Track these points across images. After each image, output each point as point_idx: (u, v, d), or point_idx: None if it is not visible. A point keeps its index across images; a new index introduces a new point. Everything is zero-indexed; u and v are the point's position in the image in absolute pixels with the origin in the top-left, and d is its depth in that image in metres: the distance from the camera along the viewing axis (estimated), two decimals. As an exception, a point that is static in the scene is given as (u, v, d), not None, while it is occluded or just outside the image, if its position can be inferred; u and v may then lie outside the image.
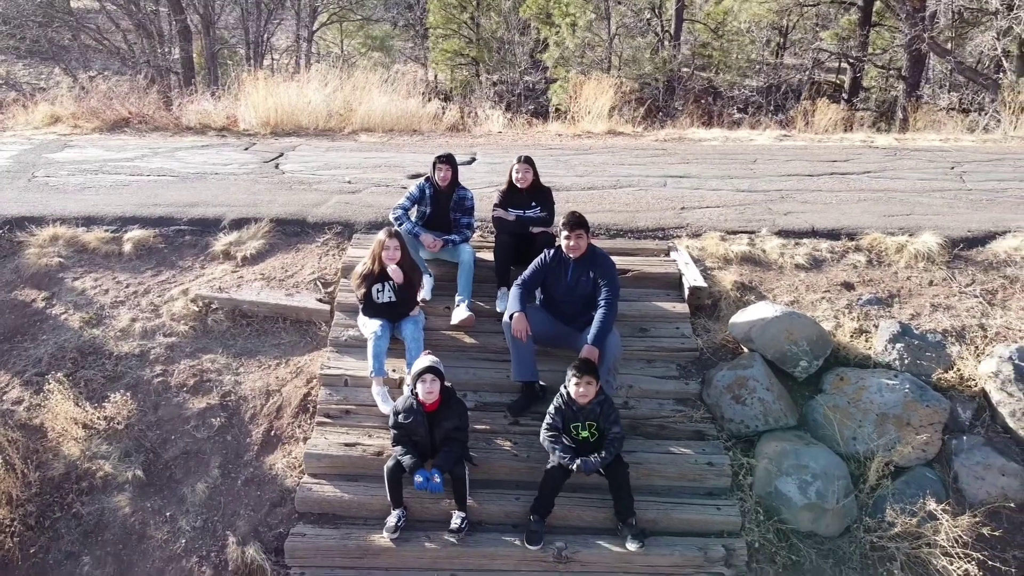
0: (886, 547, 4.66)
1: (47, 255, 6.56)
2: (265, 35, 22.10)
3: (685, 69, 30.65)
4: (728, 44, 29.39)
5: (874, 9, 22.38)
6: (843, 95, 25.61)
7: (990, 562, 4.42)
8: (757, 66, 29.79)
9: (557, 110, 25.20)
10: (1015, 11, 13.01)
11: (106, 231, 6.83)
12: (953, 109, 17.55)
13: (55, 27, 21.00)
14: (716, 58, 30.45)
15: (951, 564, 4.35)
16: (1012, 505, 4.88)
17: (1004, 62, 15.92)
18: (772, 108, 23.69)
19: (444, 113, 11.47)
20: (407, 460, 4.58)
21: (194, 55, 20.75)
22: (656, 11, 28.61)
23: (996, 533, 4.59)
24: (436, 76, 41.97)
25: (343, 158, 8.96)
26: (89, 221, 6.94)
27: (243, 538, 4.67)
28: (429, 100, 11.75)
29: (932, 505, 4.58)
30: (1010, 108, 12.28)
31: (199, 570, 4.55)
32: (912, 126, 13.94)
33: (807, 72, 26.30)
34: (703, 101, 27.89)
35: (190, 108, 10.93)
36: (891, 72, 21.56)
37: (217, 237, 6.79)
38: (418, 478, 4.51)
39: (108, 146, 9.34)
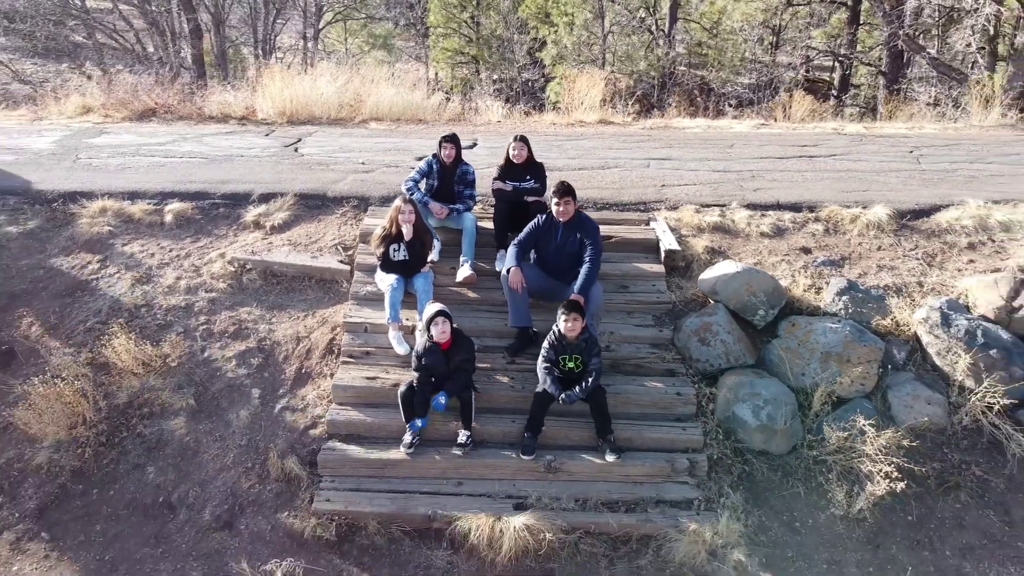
0: (825, 460, 5.53)
1: (97, 224, 7.41)
2: (272, 33, 22.91)
3: (682, 68, 31.49)
4: (723, 42, 30.14)
5: (862, 8, 23.23)
6: (832, 92, 26.50)
7: (908, 465, 5.27)
8: (750, 64, 30.52)
9: (555, 106, 26.11)
10: (979, 10, 13.84)
11: (148, 204, 7.68)
12: (933, 104, 18.42)
13: (70, 25, 21.82)
14: (711, 56, 31.26)
15: (875, 467, 5.21)
16: (934, 428, 5.74)
17: (979, 58, 16.78)
18: (762, 105, 24.55)
19: (447, 104, 12.30)
20: (438, 399, 5.43)
21: (203, 53, 21.57)
22: (651, 10, 29.45)
23: (914, 444, 5.45)
24: (437, 74, 42.80)
25: (356, 143, 9.81)
26: (133, 196, 7.78)
27: (282, 453, 5.52)
28: (433, 93, 12.56)
29: (862, 422, 5.44)
30: (977, 100, 13.14)
31: (246, 477, 5.41)
32: (887, 118, 14.79)
33: (797, 70, 27.10)
34: (698, 98, 28.75)
35: (212, 99, 11.75)
36: (877, 69, 22.39)
37: (247, 209, 7.64)
38: (437, 400, 5.39)
39: (140, 132, 10.19)
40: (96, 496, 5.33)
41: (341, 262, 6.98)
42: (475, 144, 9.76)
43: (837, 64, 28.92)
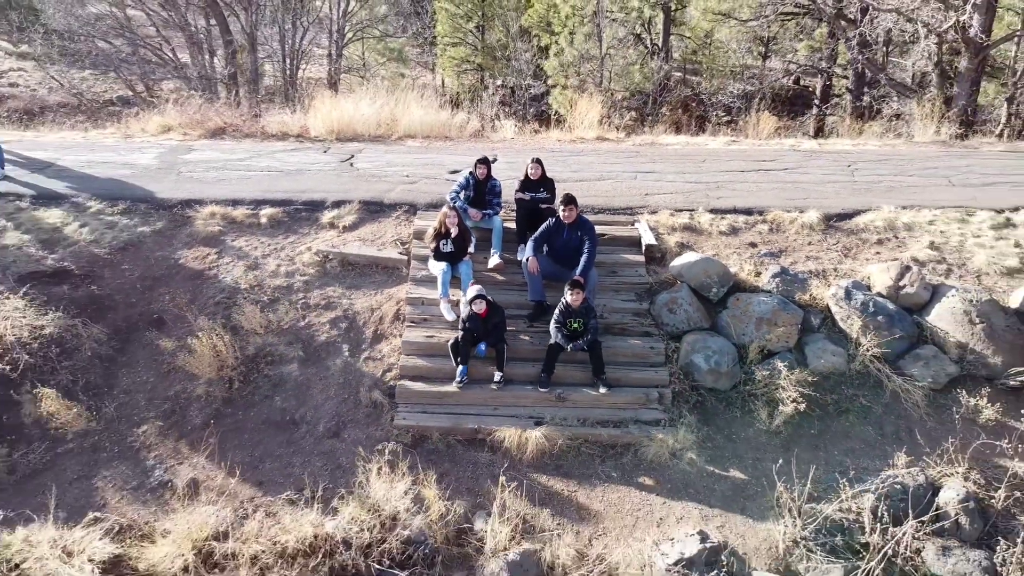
0: (755, 392, 7.77)
1: (210, 225, 9.65)
2: (300, 51, 25.12)
3: (677, 74, 33.64)
4: (714, 52, 32.23)
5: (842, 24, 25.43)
6: (815, 101, 28.68)
7: (814, 395, 7.52)
8: (739, 73, 32.52)
9: (557, 115, 28.37)
10: (926, 40, 16.05)
11: (247, 209, 9.91)
12: (895, 116, 20.63)
13: (118, 45, 24.03)
14: (704, 63, 33.39)
15: (787, 396, 7.44)
16: (836, 371, 7.97)
17: (935, 77, 19.02)
18: (750, 112, 26.77)
19: (468, 123, 14.52)
20: (478, 346, 7.68)
21: (236, 70, 23.79)
22: (646, 26, 31.69)
23: (820, 381, 7.69)
24: (444, 81, 45.08)
25: (399, 159, 12.04)
26: (233, 203, 10.02)
27: (368, 388, 7.76)
28: (455, 113, 14.77)
29: (780, 365, 7.68)
30: (925, 118, 15.39)
31: (344, 404, 7.64)
32: (850, 131, 17.01)
33: (779, 79, 29.27)
34: (690, 106, 30.96)
35: (271, 119, 13.97)
36: (844, 87, 24.59)
37: (323, 213, 9.88)
38: (478, 346, 7.64)
39: (221, 149, 12.41)
40: (241, 416, 7.57)
41: (400, 254, 9.22)
42: (496, 159, 11.96)
43: (819, 75, 31.09)
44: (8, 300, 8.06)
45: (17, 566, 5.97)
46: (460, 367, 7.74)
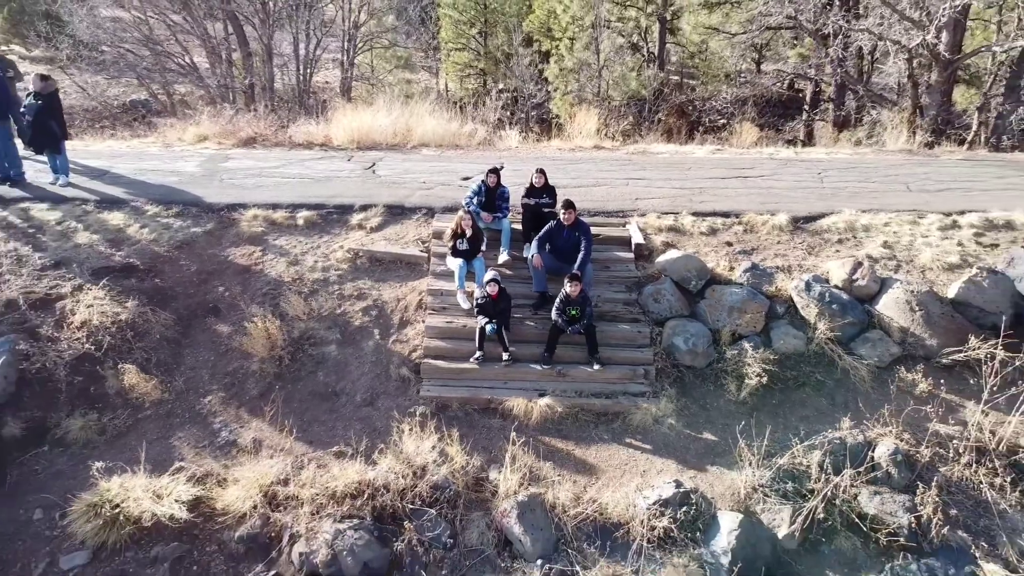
0: (726, 369, 9.13)
1: (253, 226, 11.00)
2: (314, 60, 26.46)
3: (675, 77, 34.92)
4: (709, 58, 33.51)
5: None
6: (805, 106, 30.03)
7: (776, 371, 8.88)
8: (733, 78, 33.77)
9: (557, 121, 29.63)
10: (896, 57, 17.40)
11: (285, 212, 11.27)
12: (873, 124, 21.98)
13: (142, 55, 25.37)
14: (700, 67, 34.66)
15: (752, 371, 8.81)
16: (796, 352, 9.33)
17: (910, 89, 20.37)
18: (742, 118, 28.12)
19: (476, 132, 15.88)
20: (488, 327, 9.02)
21: (255, 80, 25.15)
22: (643, 34, 33.04)
23: (781, 359, 9.05)
24: (447, 85, 46.46)
25: (416, 166, 13.40)
26: (272, 206, 11.37)
27: (397, 365, 9.12)
28: (464, 123, 16.13)
29: (747, 346, 9.04)
30: (897, 127, 16.76)
31: (377, 379, 9.00)
32: (830, 139, 18.39)
33: (770, 86, 30.61)
34: (685, 111, 32.30)
35: (297, 128, 15.33)
36: (827, 96, 25.90)
37: (352, 216, 11.24)
38: (488, 327, 8.99)
39: (255, 158, 13.77)
40: (290, 388, 8.93)
41: (421, 251, 10.58)
42: (503, 166, 13.32)
43: (809, 81, 32.41)
44: (90, 291, 9.43)
45: (117, 506, 7.33)
46: (478, 348, 9.10)
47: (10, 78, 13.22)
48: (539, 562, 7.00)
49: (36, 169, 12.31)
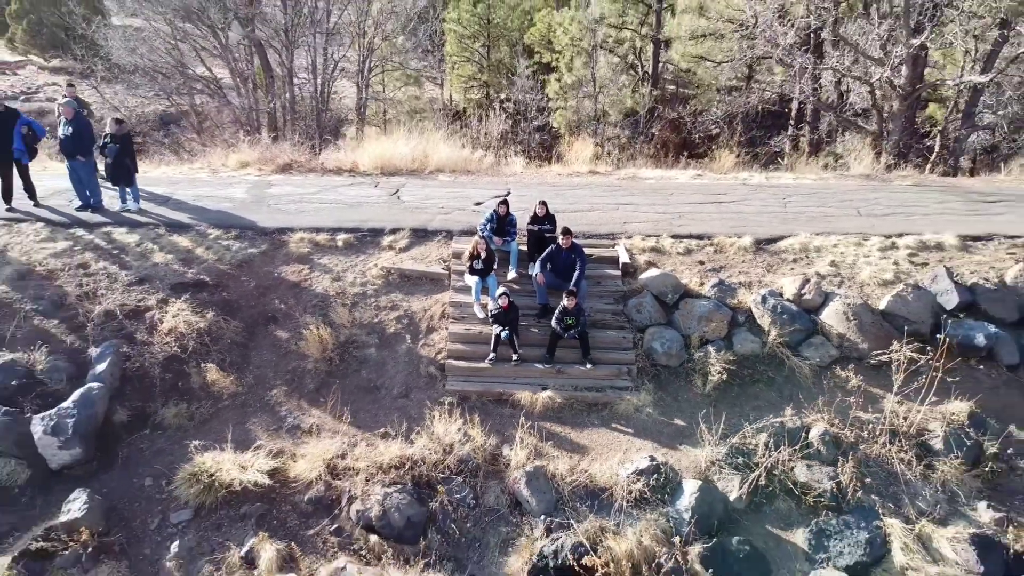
0: (694, 368, 11.19)
1: (300, 247, 13.05)
2: (331, 80, 28.51)
3: (671, 86, 36.87)
4: (701, 76, 35.46)
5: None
6: (790, 122, 32.05)
7: (733, 368, 10.92)
8: (723, 96, 35.70)
9: (557, 139, 31.48)
10: (858, 89, 19.44)
11: (326, 235, 13.31)
12: (844, 148, 24.04)
13: (175, 80, 27.41)
14: (692, 82, 36.65)
15: (715, 369, 10.86)
16: (753, 354, 11.36)
17: (876, 115, 22.41)
18: (731, 132, 30.13)
19: (484, 158, 17.93)
20: (502, 334, 11.07)
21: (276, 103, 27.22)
22: (637, 54, 35.09)
23: (735, 358, 11.09)
24: (451, 96, 48.61)
25: (435, 192, 15.45)
26: (315, 230, 13.42)
27: (426, 365, 11.17)
28: (474, 151, 18.18)
29: (711, 349, 11.09)
30: (856, 152, 18.80)
31: (410, 376, 11.04)
32: (806, 163, 20.39)
33: (756, 104, 32.58)
34: (678, 125, 34.30)
35: (327, 156, 17.37)
36: (803, 120, 27.89)
37: (383, 238, 13.28)
38: (503, 334, 11.05)
39: (294, 184, 15.82)
40: (339, 383, 10.98)
41: (442, 269, 12.62)
42: (509, 193, 15.40)
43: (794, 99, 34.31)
44: (173, 303, 11.48)
45: (212, 475, 9.37)
46: (492, 351, 11.15)
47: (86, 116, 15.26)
48: (542, 517, 9.05)
49: (109, 196, 14.35)
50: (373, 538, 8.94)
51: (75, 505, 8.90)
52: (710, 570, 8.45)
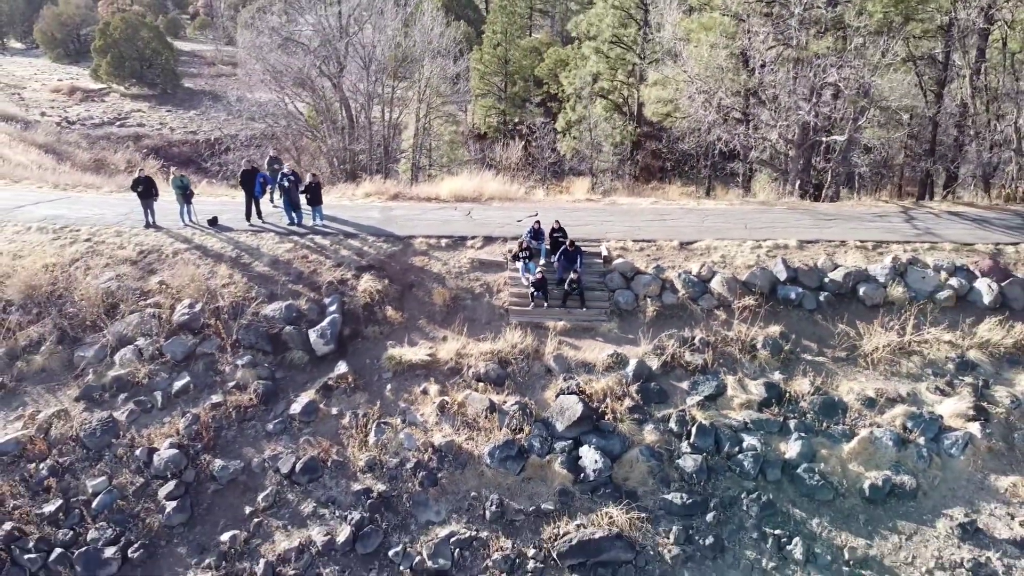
0: (640, 310, 21.18)
1: (421, 246, 23.05)
2: (396, 125, 38.54)
3: (652, 125, 46.83)
4: (668, 124, 45.19)
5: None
6: (740, 155, 41.86)
7: (661, 310, 20.89)
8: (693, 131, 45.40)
9: (562, 158, 41.40)
10: (765, 143, 29.34)
11: (434, 239, 23.28)
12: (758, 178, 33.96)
13: (281, 123, 37.41)
14: (673, 116, 46.43)
15: (651, 310, 20.83)
16: (675, 304, 21.33)
17: (780, 159, 32.22)
18: (696, 161, 40.15)
19: (519, 190, 27.87)
20: (536, 293, 21.08)
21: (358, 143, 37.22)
22: (625, 100, 45.13)
23: (663, 304, 21.07)
24: (474, 121, 59.06)
25: (492, 213, 25.42)
26: (428, 237, 23.39)
27: (497, 309, 21.15)
28: (512, 183, 28.11)
29: (650, 301, 21.07)
30: (762, 184, 28.69)
31: (489, 314, 21.01)
32: (735, 193, 30.25)
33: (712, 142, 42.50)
34: (658, 155, 44.30)
35: (420, 190, 27.29)
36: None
37: (467, 241, 23.26)
38: (536, 293, 21.11)
39: (404, 208, 25.80)
40: (452, 316, 20.94)
41: (502, 259, 22.60)
42: (537, 214, 25.29)
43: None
44: (362, 278, 21.46)
45: (400, 361, 19.35)
46: (532, 301, 21.10)
47: (276, 169, 25.24)
48: (562, 377, 18.98)
49: (277, 215, 24.32)
50: (481, 384, 18.92)
51: (341, 367, 18.93)
52: (639, 394, 18.44)
